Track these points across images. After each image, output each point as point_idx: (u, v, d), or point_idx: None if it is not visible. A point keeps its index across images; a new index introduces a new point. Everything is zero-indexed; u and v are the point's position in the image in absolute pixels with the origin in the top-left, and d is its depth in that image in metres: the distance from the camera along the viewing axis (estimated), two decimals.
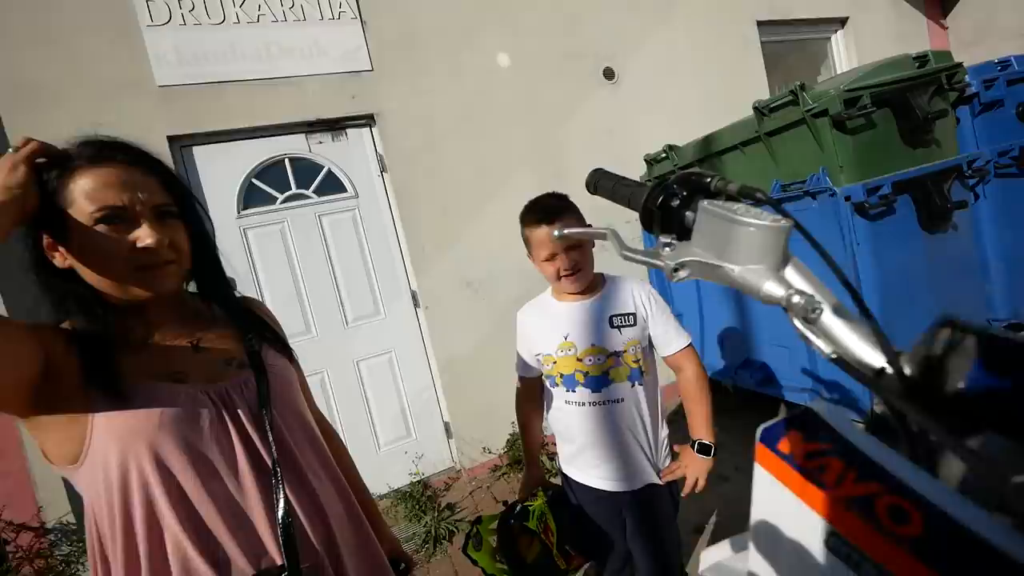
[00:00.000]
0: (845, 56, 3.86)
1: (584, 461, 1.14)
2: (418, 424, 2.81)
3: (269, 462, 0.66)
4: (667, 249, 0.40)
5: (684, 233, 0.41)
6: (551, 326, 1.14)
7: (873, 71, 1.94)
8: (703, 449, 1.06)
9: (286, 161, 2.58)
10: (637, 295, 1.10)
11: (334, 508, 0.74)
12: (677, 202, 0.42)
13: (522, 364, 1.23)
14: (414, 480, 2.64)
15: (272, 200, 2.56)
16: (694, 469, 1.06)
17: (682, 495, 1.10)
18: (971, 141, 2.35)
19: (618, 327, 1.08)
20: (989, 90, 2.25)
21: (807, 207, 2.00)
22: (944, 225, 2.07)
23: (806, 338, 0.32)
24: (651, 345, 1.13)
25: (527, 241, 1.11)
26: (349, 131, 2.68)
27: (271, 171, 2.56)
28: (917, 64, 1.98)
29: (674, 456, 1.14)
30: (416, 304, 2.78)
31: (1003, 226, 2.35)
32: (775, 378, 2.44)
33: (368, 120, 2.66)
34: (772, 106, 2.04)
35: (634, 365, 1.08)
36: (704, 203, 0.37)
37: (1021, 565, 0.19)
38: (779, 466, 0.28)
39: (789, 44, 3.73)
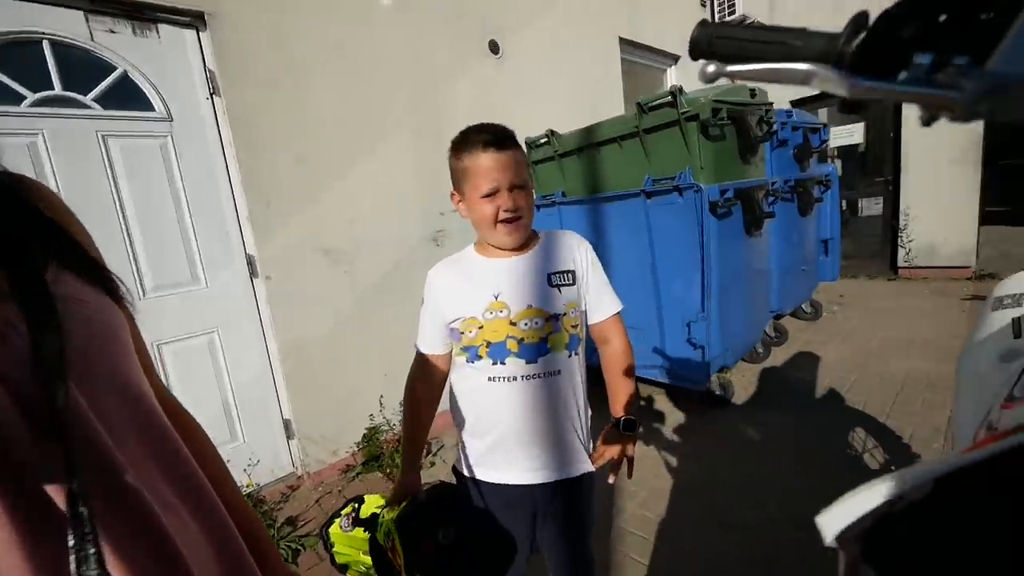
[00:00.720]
0: None
1: (503, 455, 0.96)
2: (248, 425, 2.22)
3: (60, 499, 0.32)
4: (950, 70, 0.26)
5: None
6: (476, 285, 0.94)
7: (726, 91, 2.27)
8: (628, 426, 0.97)
9: (44, 44, 1.73)
10: (577, 250, 0.98)
11: (199, 554, 0.42)
12: (913, 32, 0.28)
13: (427, 336, 0.99)
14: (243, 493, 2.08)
15: (15, 99, 1.68)
16: (625, 449, 0.96)
17: (609, 481, 1.00)
18: (768, 169, 2.99)
19: (557, 286, 0.93)
20: (782, 130, 2.90)
21: (673, 201, 2.23)
22: (758, 231, 2.57)
23: None
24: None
25: (463, 172, 0.89)
26: (162, 27, 1.95)
27: (15, 55, 1.68)
28: (751, 94, 2.41)
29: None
30: (253, 273, 2.20)
31: (779, 239, 3.07)
32: None
33: (195, 19, 1.98)
34: (652, 104, 2.22)
35: (572, 331, 0.95)
36: None
37: None
38: None
39: (636, 67, 4.22)
